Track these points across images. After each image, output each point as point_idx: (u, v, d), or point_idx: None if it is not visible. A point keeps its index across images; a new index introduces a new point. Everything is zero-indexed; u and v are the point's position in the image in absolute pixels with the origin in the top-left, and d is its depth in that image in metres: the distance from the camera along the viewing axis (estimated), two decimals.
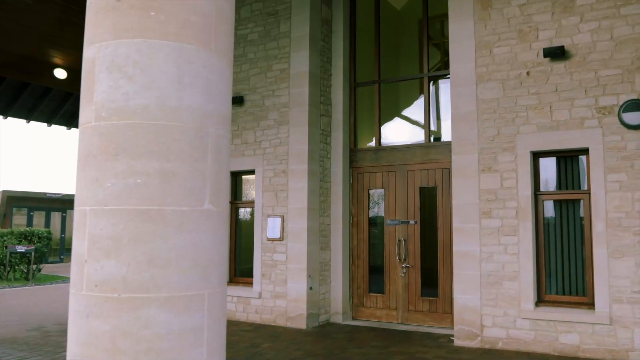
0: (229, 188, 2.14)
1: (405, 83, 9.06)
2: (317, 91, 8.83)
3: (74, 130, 12.91)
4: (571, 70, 6.71)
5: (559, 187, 6.97)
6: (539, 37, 6.93)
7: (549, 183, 7.04)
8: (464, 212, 7.21)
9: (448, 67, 7.88)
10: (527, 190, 6.83)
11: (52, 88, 11.26)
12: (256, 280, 8.86)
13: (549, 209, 7.00)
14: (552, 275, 6.91)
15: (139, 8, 2.08)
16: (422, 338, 7.53)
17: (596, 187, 6.45)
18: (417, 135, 8.69)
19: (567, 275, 6.84)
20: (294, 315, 8.38)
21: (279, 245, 8.68)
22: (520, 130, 6.94)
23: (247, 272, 9.28)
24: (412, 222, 8.46)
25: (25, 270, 15.85)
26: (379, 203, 8.90)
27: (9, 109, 11.49)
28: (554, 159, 6.99)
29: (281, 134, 8.83)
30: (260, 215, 8.92)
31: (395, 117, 9.10)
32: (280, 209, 8.73)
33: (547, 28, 6.89)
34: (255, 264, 8.90)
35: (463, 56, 7.39)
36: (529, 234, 6.77)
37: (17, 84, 11.02)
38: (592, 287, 6.58)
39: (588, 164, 6.70)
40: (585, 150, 6.67)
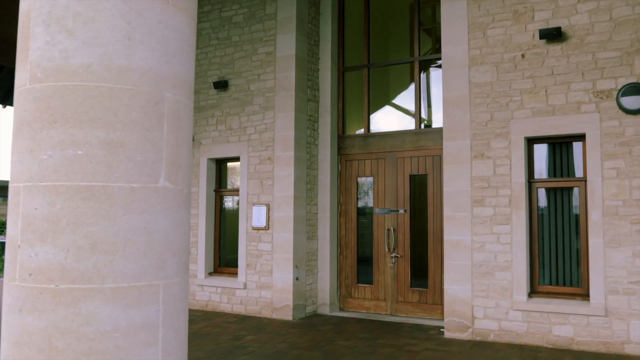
0: (191, 163, 1.83)
1: (396, 69, 8.76)
2: (304, 75, 8.51)
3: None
4: (568, 53, 6.45)
5: (554, 174, 6.73)
6: (534, 18, 6.65)
7: (544, 170, 6.79)
8: (455, 200, 6.95)
9: (439, 53, 7.59)
10: (521, 177, 6.58)
11: None
12: (241, 271, 8.58)
13: (543, 197, 6.76)
14: (546, 266, 6.68)
15: None
16: (411, 330, 7.30)
17: (592, 175, 6.21)
18: (408, 121, 8.42)
19: (561, 265, 6.62)
20: (280, 306, 8.11)
21: (265, 235, 8.39)
22: (515, 115, 6.68)
23: (232, 262, 8.99)
24: (401, 210, 8.20)
25: None
26: (367, 191, 8.63)
27: None
28: (549, 145, 6.75)
29: (267, 120, 8.51)
30: (245, 203, 8.62)
31: (385, 103, 8.81)
32: (266, 197, 8.43)
33: (544, 9, 6.61)
34: (240, 253, 8.61)
35: (455, 38, 7.10)
36: (522, 223, 6.53)
37: None
38: (587, 277, 6.37)
39: (584, 151, 6.46)
40: (582, 136, 6.43)
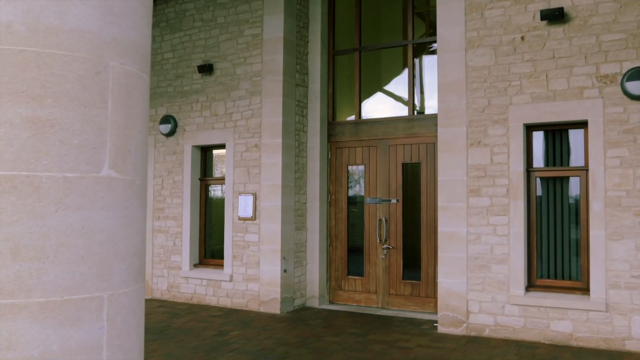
0: (146, 148, 1.46)
1: (388, 54, 8.39)
2: (293, 59, 8.13)
3: None
4: (570, 35, 6.12)
5: (554, 163, 6.43)
6: None
7: (543, 159, 6.49)
8: (450, 189, 6.64)
9: (434, 38, 7.23)
10: (520, 166, 6.28)
11: None
12: (227, 262, 8.24)
13: (542, 187, 6.47)
14: (544, 259, 6.41)
15: None
16: (403, 324, 7.02)
17: (594, 164, 5.92)
18: (400, 108, 8.07)
19: (560, 258, 6.34)
20: (267, 299, 7.80)
21: (251, 225, 8.05)
22: (513, 100, 6.36)
23: (218, 254, 8.66)
24: (393, 200, 7.88)
25: None
26: (358, 180, 8.30)
27: None
28: (549, 133, 6.44)
29: (253, 105, 8.14)
30: (231, 192, 8.27)
31: (377, 89, 8.45)
32: (253, 186, 8.08)
33: None
34: (226, 244, 8.27)
35: (451, 19, 6.74)
36: (520, 214, 6.24)
37: None
38: (587, 271, 6.10)
39: (586, 138, 6.16)
40: (584, 123, 6.12)
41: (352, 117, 8.41)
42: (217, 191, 8.83)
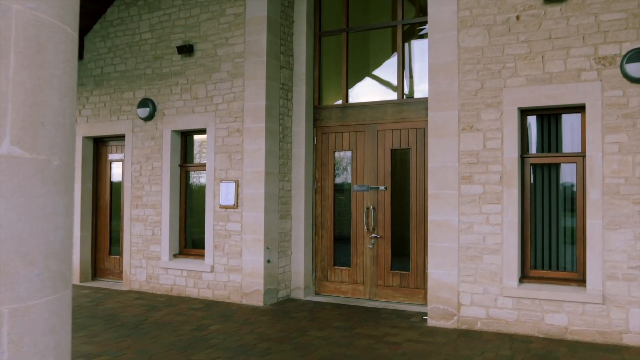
0: (72, 120, 1.09)
1: (377, 37, 8.02)
2: (277, 40, 7.74)
3: None
4: (568, 15, 5.80)
5: (549, 149, 6.14)
6: None
7: (538, 144, 6.20)
8: (440, 176, 6.33)
9: (424, 18, 6.87)
10: (514, 152, 5.98)
11: None
12: (208, 252, 7.89)
13: (536, 174, 6.18)
14: (539, 249, 6.13)
15: None
16: (391, 317, 6.73)
17: (592, 149, 5.63)
18: (389, 92, 7.73)
19: (555, 248, 6.07)
20: (250, 291, 7.48)
21: (233, 214, 7.70)
22: (507, 83, 6.04)
23: (199, 243, 8.30)
24: (382, 188, 7.56)
25: None
26: (345, 167, 7.97)
27: None
28: (544, 117, 6.14)
29: (235, 88, 7.74)
30: (212, 179, 7.89)
31: (365, 73, 8.09)
32: (235, 173, 7.72)
33: None
34: (207, 234, 7.92)
35: None
36: (514, 202, 5.95)
37: None
38: (584, 262, 5.84)
39: (584, 123, 5.87)
40: (581, 107, 5.82)
41: (339, 101, 8.05)
42: (198, 178, 8.46)
